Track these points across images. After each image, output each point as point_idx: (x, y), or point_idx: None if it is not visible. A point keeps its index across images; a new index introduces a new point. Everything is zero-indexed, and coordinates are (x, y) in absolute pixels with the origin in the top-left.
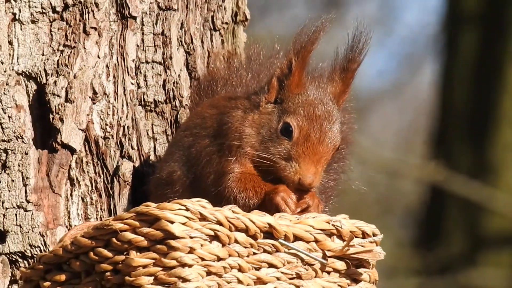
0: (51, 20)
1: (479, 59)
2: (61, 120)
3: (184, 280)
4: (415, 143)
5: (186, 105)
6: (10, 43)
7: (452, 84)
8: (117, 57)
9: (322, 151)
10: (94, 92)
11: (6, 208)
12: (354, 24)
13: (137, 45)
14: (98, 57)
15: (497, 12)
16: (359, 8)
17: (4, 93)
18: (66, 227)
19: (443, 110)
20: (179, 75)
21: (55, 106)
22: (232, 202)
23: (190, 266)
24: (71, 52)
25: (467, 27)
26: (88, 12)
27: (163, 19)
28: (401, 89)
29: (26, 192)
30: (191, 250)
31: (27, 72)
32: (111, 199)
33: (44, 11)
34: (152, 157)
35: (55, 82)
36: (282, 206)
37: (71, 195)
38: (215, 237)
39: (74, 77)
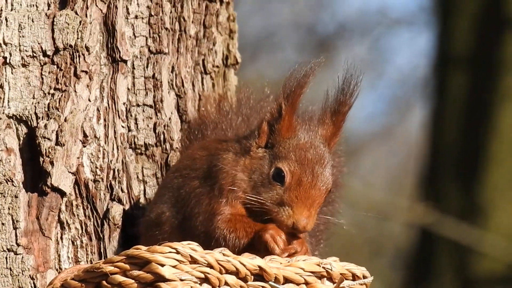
0: (42, 64)
1: (468, 101)
2: (51, 163)
3: None
4: (405, 185)
5: (177, 148)
6: (1, 86)
7: (442, 125)
8: (108, 100)
9: (314, 195)
10: (85, 135)
11: None
12: (345, 66)
13: (128, 89)
14: (89, 100)
15: (486, 54)
16: (349, 51)
17: None
18: (57, 270)
19: (433, 152)
20: (169, 118)
21: (46, 149)
22: (222, 242)
23: None
24: (62, 95)
25: (456, 69)
26: (79, 56)
27: (154, 63)
28: (391, 131)
29: (16, 235)
30: None
31: (17, 116)
32: (101, 242)
33: (34, 54)
34: (142, 200)
35: (45, 126)
36: (271, 243)
37: (61, 238)
38: (205, 280)
39: (65, 120)
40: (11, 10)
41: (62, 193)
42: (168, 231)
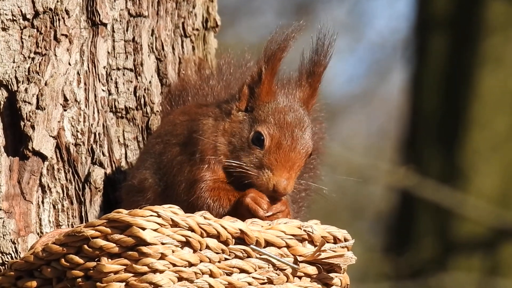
0: (22, 28)
1: (448, 64)
2: (32, 127)
3: (156, 285)
4: (385, 148)
5: (157, 111)
6: None
7: (422, 88)
8: (88, 64)
9: (294, 157)
10: (65, 99)
11: None
12: (318, 27)
13: (108, 52)
14: (69, 64)
15: (466, 16)
16: (329, 14)
17: None
18: (38, 234)
19: (413, 115)
20: (150, 82)
21: (26, 113)
22: (206, 210)
23: (161, 272)
24: (42, 59)
25: (436, 32)
26: (59, 19)
27: (133, 26)
28: (370, 95)
29: None
30: (163, 256)
31: None
32: (83, 206)
33: (14, 18)
34: (123, 164)
35: (26, 90)
36: (252, 206)
37: (43, 202)
38: (186, 243)
39: (45, 84)
40: None
41: (43, 157)
42: (152, 198)
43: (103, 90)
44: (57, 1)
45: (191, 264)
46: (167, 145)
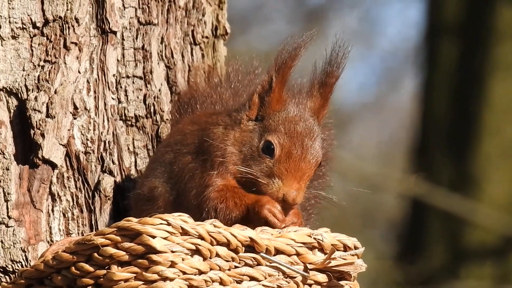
0: (32, 36)
1: (459, 71)
2: (42, 135)
3: None
4: (396, 156)
5: (167, 119)
6: None
7: (433, 96)
8: (97, 72)
9: (304, 167)
10: (75, 107)
11: None
12: (333, 38)
13: (118, 60)
14: (79, 72)
15: (477, 23)
16: (340, 22)
17: None
18: (48, 242)
19: (424, 122)
20: (159, 90)
21: (36, 122)
22: (213, 213)
23: (171, 280)
24: (51, 67)
25: (447, 39)
26: (69, 28)
27: (143, 34)
28: (382, 102)
29: (7, 208)
30: (173, 264)
31: (7, 88)
32: (93, 214)
33: (24, 26)
34: (133, 172)
35: (36, 98)
36: (270, 218)
37: (53, 210)
38: (196, 251)
39: (55, 92)
40: None
41: (53, 165)
42: (162, 206)
43: (112, 98)
44: (67, 9)
45: (201, 272)
46: (178, 155)
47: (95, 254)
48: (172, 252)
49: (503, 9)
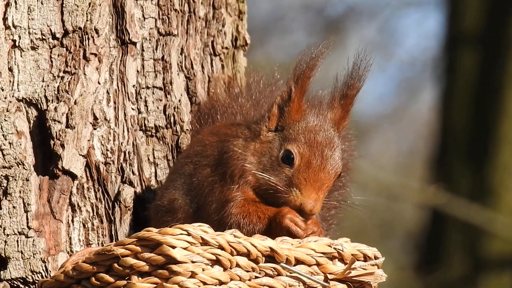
0: (51, 47)
1: (478, 81)
2: (62, 146)
3: None
4: (415, 166)
5: (187, 130)
6: (10, 69)
7: (452, 106)
8: (117, 83)
9: (323, 178)
10: (95, 118)
11: (8, 235)
12: (355, 51)
13: (137, 71)
14: (99, 83)
15: (496, 33)
16: (359, 33)
17: (4, 119)
18: (68, 253)
19: (443, 133)
20: (179, 100)
21: (56, 132)
22: (235, 228)
23: None
24: (71, 78)
25: (466, 50)
26: (88, 38)
27: (163, 45)
28: (400, 113)
29: (27, 219)
30: (193, 275)
31: (27, 99)
32: (113, 224)
33: (44, 37)
34: (153, 182)
35: (55, 108)
36: (292, 227)
37: (73, 221)
38: (216, 262)
39: (75, 103)
40: None
41: (73, 176)
42: (182, 219)
43: (132, 109)
44: (87, 20)
45: (221, 283)
46: (198, 167)
47: (115, 265)
48: (193, 262)
49: None
